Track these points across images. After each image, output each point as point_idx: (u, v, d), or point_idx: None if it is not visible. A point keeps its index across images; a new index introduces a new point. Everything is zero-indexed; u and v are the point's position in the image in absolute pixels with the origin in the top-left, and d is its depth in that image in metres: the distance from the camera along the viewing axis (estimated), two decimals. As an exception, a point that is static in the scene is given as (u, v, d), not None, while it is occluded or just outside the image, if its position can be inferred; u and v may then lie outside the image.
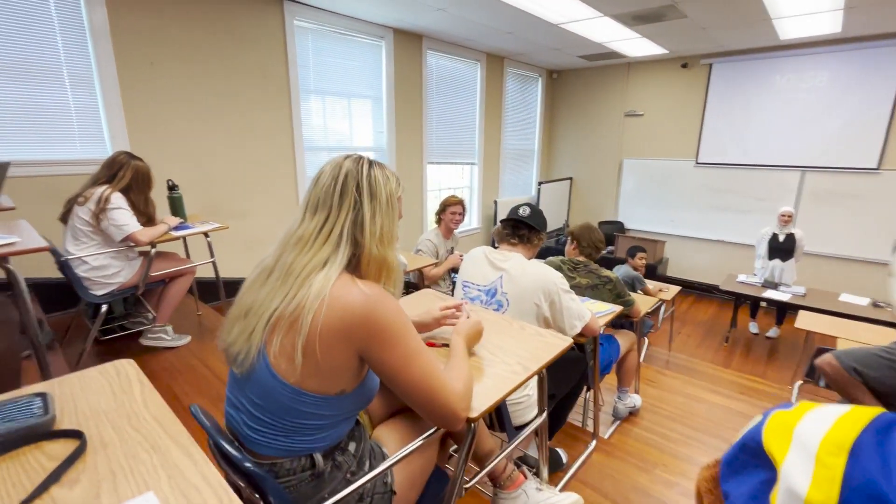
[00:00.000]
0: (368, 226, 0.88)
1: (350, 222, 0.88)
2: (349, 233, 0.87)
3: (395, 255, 0.93)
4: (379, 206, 0.90)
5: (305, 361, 0.79)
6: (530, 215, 1.75)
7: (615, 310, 2.01)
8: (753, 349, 4.63)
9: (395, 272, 0.93)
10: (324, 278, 0.82)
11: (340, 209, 0.88)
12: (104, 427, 0.65)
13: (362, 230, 0.88)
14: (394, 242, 0.94)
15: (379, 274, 0.91)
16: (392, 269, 0.92)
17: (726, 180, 5.53)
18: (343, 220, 0.87)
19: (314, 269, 0.84)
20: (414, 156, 4.87)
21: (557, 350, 1.21)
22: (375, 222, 0.89)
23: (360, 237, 0.88)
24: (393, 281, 0.93)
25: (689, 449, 2.46)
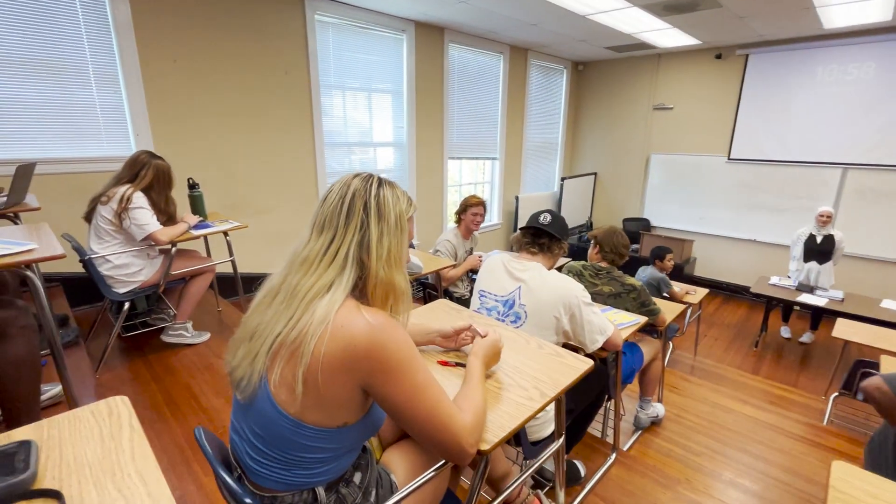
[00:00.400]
0: (375, 247, 0.83)
1: (356, 243, 0.83)
2: (355, 254, 0.83)
3: (403, 279, 0.88)
4: (387, 226, 0.85)
5: (306, 392, 0.75)
6: (551, 223, 1.67)
7: (639, 321, 1.92)
8: (785, 354, 4.43)
9: (402, 296, 0.88)
10: (328, 303, 0.78)
11: (347, 229, 0.83)
12: (86, 484, 0.61)
13: (368, 252, 0.83)
14: (402, 265, 0.88)
15: (386, 298, 0.86)
16: (400, 293, 0.87)
17: (760, 177, 5.27)
18: (349, 240, 0.83)
19: (319, 292, 0.79)
20: (434, 151, 4.80)
21: (577, 373, 1.14)
22: (382, 244, 0.84)
23: (366, 259, 0.83)
24: (401, 306, 0.88)
25: (714, 464, 2.36)
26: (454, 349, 1.28)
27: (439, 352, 1.27)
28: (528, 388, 1.08)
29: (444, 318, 1.48)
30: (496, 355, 1.15)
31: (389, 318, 0.81)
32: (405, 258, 0.91)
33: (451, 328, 1.25)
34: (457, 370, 1.17)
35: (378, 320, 0.78)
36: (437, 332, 1.26)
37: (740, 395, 3.32)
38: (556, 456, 1.27)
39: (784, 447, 2.65)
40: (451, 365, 1.19)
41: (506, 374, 1.15)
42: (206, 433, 0.90)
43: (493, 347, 1.13)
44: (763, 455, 2.52)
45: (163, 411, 2.05)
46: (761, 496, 2.14)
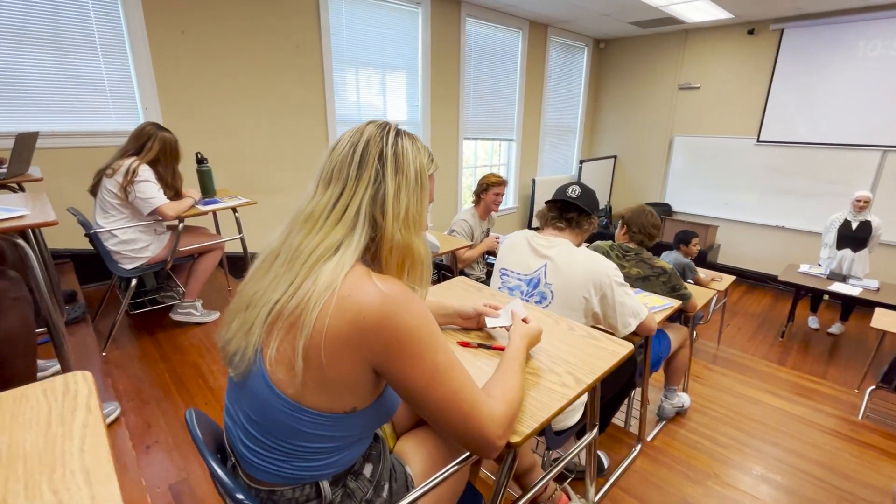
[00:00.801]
0: (391, 204, 0.71)
1: (369, 198, 0.70)
2: (367, 212, 0.70)
3: (422, 244, 0.75)
4: (405, 181, 0.72)
5: (307, 370, 0.63)
6: (581, 196, 1.52)
7: (672, 305, 1.77)
8: (812, 346, 4.23)
9: (421, 265, 0.76)
10: (335, 268, 0.66)
11: (358, 182, 0.71)
12: (14, 483, 0.48)
13: (383, 209, 0.71)
14: (421, 228, 0.76)
15: (402, 265, 0.74)
16: (418, 261, 0.75)
17: (791, 160, 5.00)
18: (361, 195, 0.70)
19: (324, 254, 0.67)
20: (449, 130, 4.64)
21: (614, 358, 1.01)
22: (400, 201, 0.72)
23: (379, 217, 0.71)
24: (418, 275, 0.76)
25: (743, 457, 2.22)
26: (476, 329, 1.15)
27: (459, 331, 1.14)
28: (562, 373, 0.96)
29: (463, 297, 1.36)
30: (537, 340, 1.03)
31: (405, 287, 0.69)
32: (425, 222, 0.78)
33: (473, 309, 1.12)
34: (480, 353, 1.05)
35: (392, 290, 0.66)
36: (455, 311, 1.13)
37: (767, 385, 3.15)
38: (588, 448, 1.14)
39: (816, 441, 2.49)
40: (473, 346, 1.07)
41: (536, 358, 1.02)
42: (200, 416, 0.80)
43: (536, 332, 1.02)
44: (794, 449, 2.37)
45: (170, 390, 1.98)
46: (795, 493, 2.00)
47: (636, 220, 2.21)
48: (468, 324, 1.15)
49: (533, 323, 1.02)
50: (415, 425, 1.01)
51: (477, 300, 1.16)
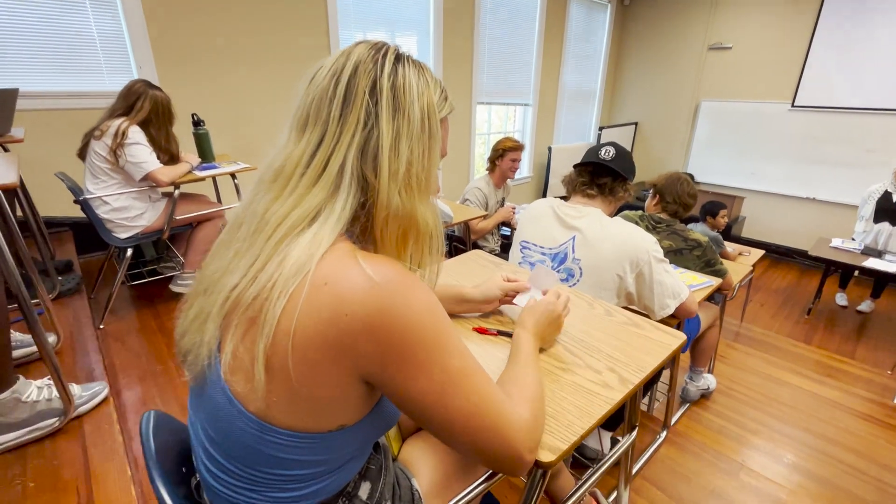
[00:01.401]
0: (388, 157, 0.52)
1: (357, 150, 0.51)
2: (355, 168, 0.52)
3: (430, 211, 0.57)
4: (406, 125, 0.53)
5: (271, 383, 0.46)
6: (616, 158, 1.31)
7: (712, 283, 1.57)
8: (840, 324, 4.00)
9: (429, 238, 0.57)
10: (309, 244, 0.48)
11: (343, 127, 0.51)
12: None
13: (376, 164, 0.52)
14: (429, 189, 0.57)
15: (403, 240, 0.55)
16: (424, 234, 0.56)
17: (828, 127, 4.62)
18: (346, 145, 0.51)
19: (297, 225, 0.50)
20: (462, 94, 4.35)
21: (665, 351, 0.83)
22: (399, 152, 0.52)
23: (371, 176, 0.52)
24: (425, 253, 0.57)
25: (774, 444, 2.06)
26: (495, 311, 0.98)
27: (475, 316, 0.97)
28: (602, 370, 0.78)
29: (479, 274, 1.18)
30: (555, 326, 0.84)
31: (405, 271, 0.51)
32: (435, 182, 0.59)
33: (499, 289, 0.94)
34: (499, 341, 0.88)
35: (386, 275, 0.48)
36: (479, 297, 0.95)
37: (794, 366, 2.97)
38: (626, 455, 0.98)
39: (850, 427, 2.32)
40: (491, 333, 0.89)
41: (567, 349, 0.85)
42: (162, 420, 0.64)
43: (549, 315, 0.83)
44: (827, 435, 2.20)
45: (168, 365, 1.86)
46: (833, 484, 1.84)
47: (670, 188, 1.99)
48: (491, 307, 0.97)
49: (545, 301, 0.84)
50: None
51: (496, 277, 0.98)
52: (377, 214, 0.52)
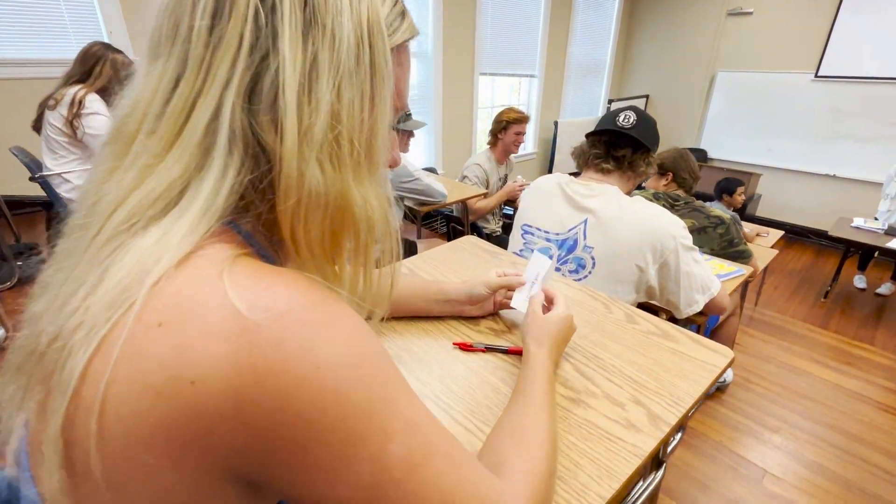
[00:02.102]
0: (295, 105, 0.30)
1: (239, 90, 0.29)
2: (238, 120, 0.30)
3: (378, 195, 0.35)
4: (330, 51, 0.31)
5: (79, 489, 0.26)
6: (636, 125, 1.07)
7: (742, 272, 1.36)
8: (858, 308, 3.77)
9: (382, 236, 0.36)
10: (149, 250, 0.27)
11: (216, 51, 0.29)
12: None
13: (275, 115, 0.30)
14: (375, 161, 0.35)
15: (333, 244, 0.34)
16: (367, 232, 0.35)
17: (854, 99, 4.28)
18: (222, 82, 0.29)
19: (134, 217, 0.29)
20: (464, 65, 4.04)
21: (709, 375, 0.62)
22: (316, 96, 0.30)
23: (268, 134, 0.30)
24: (369, 262, 0.37)
25: (796, 442, 1.88)
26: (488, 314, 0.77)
27: (455, 321, 0.76)
28: (625, 401, 0.58)
29: (473, 266, 0.97)
30: (567, 339, 0.64)
31: (316, 297, 0.29)
32: (384, 147, 0.36)
33: (486, 287, 0.73)
34: (488, 358, 0.67)
35: (272, 307, 0.27)
36: (463, 296, 0.74)
37: (812, 353, 2.77)
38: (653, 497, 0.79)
39: (874, 421, 2.14)
40: (477, 350, 0.69)
41: (577, 370, 0.64)
42: None
43: (569, 329, 0.63)
44: (851, 431, 2.02)
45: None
46: (863, 489, 1.66)
47: (682, 163, 1.79)
48: (481, 310, 0.76)
49: (561, 312, 0.63)
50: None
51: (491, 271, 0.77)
52: (281, 200, 0.31)
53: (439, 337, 0.72)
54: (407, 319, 0.76)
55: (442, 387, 0.62)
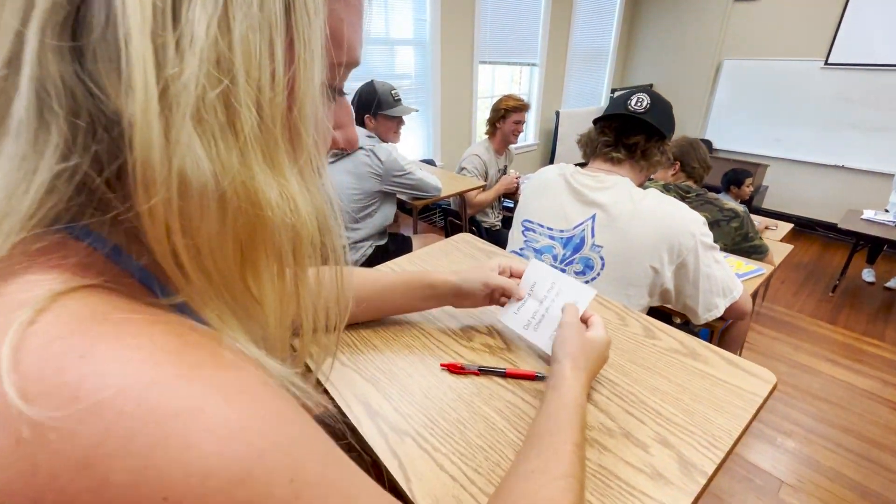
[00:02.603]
0: (142, 36, 0.17)
1: (44, 15, 0.17)
2: (41, 67, 0.18)
3: (315, 196, 0.24)
4: None
5: None
6: (650, 109, 0.95)
7: (762, 271, 1.24)
8: (867, 302, 3.66)
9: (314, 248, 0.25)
10: None
11: None
12: None
13: (112, 56, 0.18)
14: (307, 145, 0.23)
15: (236, 268, 0.22)
16: (306, 246, 0.24)
17: (864, 87, 4.12)
18: (20, 5, 0.17)
19: None
20: (463, 52, 3.89)
21: (748, 404, 0.51)
22: (184, 28, 0.18)
23: (104, 90, 0.18)
24: (300, 289, 0.26)
25: (812, 448, 1.77)
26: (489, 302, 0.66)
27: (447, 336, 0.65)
28: (649, 442, 0.47)
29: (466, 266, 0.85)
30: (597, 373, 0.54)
31: (189, 354, 0.18)
32: (319, 119, 0.24)
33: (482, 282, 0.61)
34: (482, 383, 0.56)
35: (89, 388, 0.15)
36: (450, 286, 0.63)
37: (823, 351, 2.67)
38: None
39: (890, 423, 2.03)
40: (469, 373, 0.58)
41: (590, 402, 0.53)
42: None
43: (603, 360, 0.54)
44: (867, 435, 1.92)
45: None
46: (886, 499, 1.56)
47: (692, 152, 1.68)
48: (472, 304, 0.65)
49: (600, 334, 0.53)
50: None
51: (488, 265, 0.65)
52: (140, 194, 0.19)
53: (425, 355, 0.61)
54: (388, 334, 0.65)
55: (426, 421, 0.51)
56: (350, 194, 1.67)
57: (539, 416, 0.44)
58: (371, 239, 1.77)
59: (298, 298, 0.26)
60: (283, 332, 0.25)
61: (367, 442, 0.49)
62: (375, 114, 1.68)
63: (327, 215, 0.25)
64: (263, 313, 0.24)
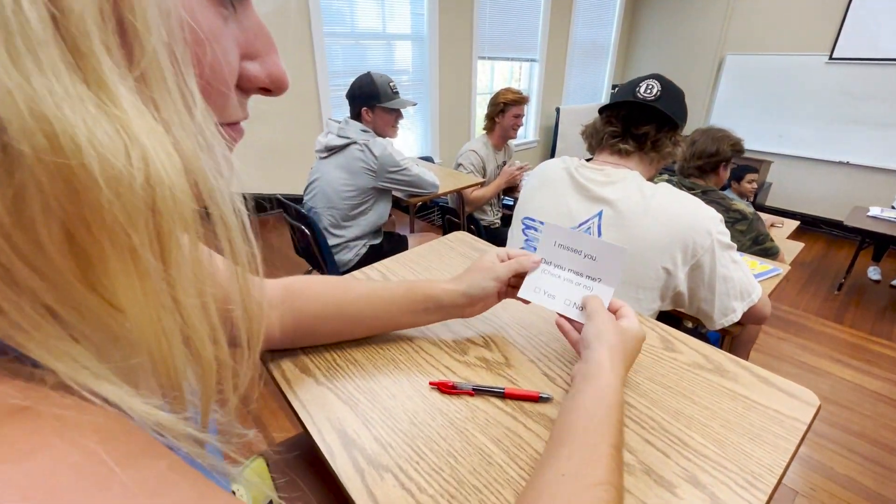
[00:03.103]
0: None
1: None
2: None
3: (177, 136, 0.15)
4: None
5: None
6: (661, 96, 0.87)
7: (779, 271, 1.17)
8: (873, 301, 3.58)
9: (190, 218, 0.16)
10: None
11: None
12: None
13: None
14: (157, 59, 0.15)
15: (64, 255, 0.14)
16: (174, 211, 0.15)
17: (869, 81, 4.04)
18: None
19: None
20: (461, 48, 3.81)
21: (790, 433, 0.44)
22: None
23: None
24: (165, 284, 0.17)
25: (824, 454, 1.70)
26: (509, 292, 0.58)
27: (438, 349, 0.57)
28: (677, 481, 0.39)
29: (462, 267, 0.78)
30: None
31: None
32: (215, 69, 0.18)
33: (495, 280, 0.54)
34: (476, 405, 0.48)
35: None
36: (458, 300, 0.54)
37: (831, 351, 2.59)
38: None
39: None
40: (462, 392, 0.50)
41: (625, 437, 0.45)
42: None
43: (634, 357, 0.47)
44: (881, 441, 1.84)
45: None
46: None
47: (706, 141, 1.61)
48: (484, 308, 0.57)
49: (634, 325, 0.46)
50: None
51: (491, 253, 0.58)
52: None
53: (412, 371, 0.53)
54: (371, 346, 0.57)
55: (410, 453, 0.43)
56: (342, 191, 1.59)
57: (570, 409, 0.38)
58: (365, 238, 1.69)
59: (176, 303, 0.18)
60: (170, 350, 0.17)
61: (340, 479, 0.41)
62: (373, 107, 1.60)
63: (205, 169, 0.17)
64: (129, 325, 0.16)
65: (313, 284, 0.54)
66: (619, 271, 0.50)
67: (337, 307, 0.53)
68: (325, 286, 0.54)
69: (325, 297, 0.53)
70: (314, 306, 0.52)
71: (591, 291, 0.50)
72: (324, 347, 0.57)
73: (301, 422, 0.47)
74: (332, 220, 1.62)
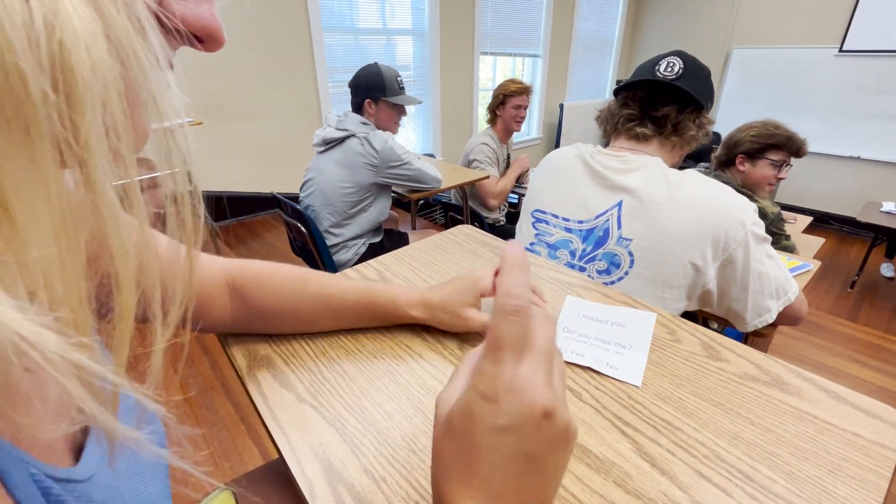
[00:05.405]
0: None
1: None
2: None
3: None
4: None
5: None
6: (683, 74, 0.78)
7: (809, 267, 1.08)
8: (886, 298, 3.48)
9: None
10: None
11: None
12: None
13: None
14: None
15: None
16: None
17: (881, 74, 3.93)
18: None
19: None
20: (463, 43, 3.73)
21: (882, 463, 0.35)
22: None
23: None
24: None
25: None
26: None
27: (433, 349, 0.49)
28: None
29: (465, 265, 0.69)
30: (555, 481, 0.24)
31: None
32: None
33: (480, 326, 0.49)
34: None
35: None
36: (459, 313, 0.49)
37: (849, 351, 2.49)
38: None
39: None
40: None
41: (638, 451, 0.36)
42: None
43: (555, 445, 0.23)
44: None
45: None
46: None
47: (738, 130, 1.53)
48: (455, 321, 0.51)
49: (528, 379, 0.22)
50: None
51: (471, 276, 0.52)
52: None
53: (411, 384, 0.45)
54: (363, 354, 0.49)
55: (409, 490, 0.35)
56: (341, 188, 1.51)
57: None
58: (364, 236, 1.61)
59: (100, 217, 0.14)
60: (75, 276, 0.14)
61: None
62: (377, 99, 1.51)
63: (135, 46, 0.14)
64: (25, 237, 0.13)
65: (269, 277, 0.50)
66: (649, 337, 0.47)
67: (291, 308, 0.50)
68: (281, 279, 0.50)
69: (279, 294, 0.49)
70: (268, 301, 0.49)
71: (622, 357, 0.45)
72: (309, 357, 0.49)
73: (277, 447, 0.39)
74: (330, 220, 1.55)
